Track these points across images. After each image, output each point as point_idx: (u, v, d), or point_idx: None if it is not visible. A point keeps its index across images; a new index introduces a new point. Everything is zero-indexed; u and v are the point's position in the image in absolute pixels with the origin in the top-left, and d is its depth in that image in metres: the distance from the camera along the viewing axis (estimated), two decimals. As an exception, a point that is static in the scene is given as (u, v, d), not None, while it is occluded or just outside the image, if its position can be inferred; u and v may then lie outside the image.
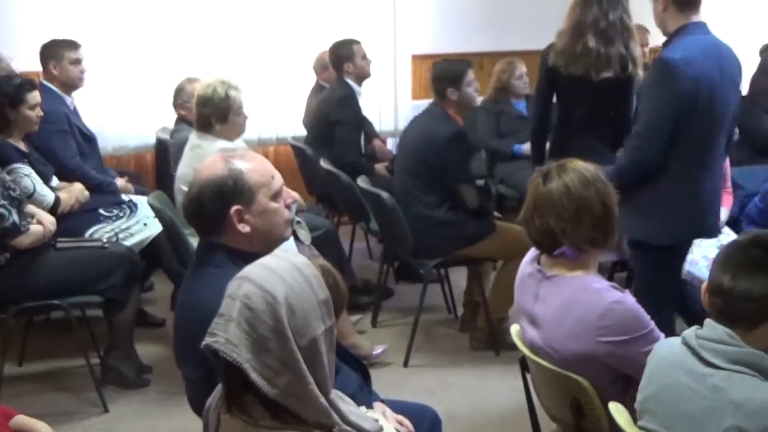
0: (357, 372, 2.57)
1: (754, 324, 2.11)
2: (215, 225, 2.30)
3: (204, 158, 2.75)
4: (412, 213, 4.41)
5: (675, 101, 3.21)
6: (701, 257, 3.96)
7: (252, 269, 1.81)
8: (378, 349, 4.46)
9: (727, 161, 4.09)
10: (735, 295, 2.11)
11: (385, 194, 4.40)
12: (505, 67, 6.04)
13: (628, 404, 2.28)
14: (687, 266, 4.04)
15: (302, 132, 6.10)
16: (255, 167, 2.35)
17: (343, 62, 5.49)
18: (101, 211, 4.55)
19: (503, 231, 4.45)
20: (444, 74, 4.51)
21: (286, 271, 1.80)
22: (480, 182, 5.71)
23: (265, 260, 1.84)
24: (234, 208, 2.28)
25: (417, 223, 4.40)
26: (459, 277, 5.02)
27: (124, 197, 4.75)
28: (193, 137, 4.15)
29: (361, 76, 5.56)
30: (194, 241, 3.07)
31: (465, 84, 4.48)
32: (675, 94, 3.21)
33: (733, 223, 4.44)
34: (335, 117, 5.39)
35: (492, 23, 6.78)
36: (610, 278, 3.89)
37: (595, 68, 3.94)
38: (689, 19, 3.31)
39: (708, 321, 2.18)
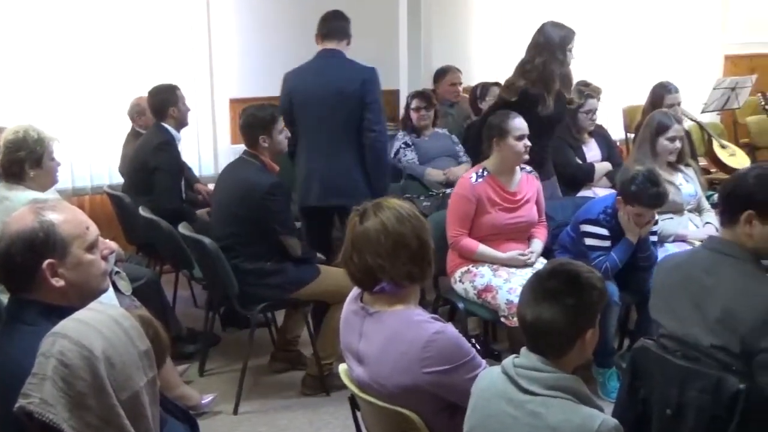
0: (184, 424, 2.51)
1: (562, 352, 2.24)
2: (26, 280, 2.21)
3: (12, 211, 2.64)
4: (234, 265, 4.38)
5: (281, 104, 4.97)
6: (518, 285, 4.13)
7: (66, 324, 1.76)
8: (206, 398, 4.39)
9: None
10: (537, 328, 2.24)
11: (207, 240, 4.36)
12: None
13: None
14: (506, 295, 4.22)
15: (119, 180, 5.96)
16: (68, 218, 2.28)
17: (167, 107, 5.39)
18: None
19: (329, 274, 4.50)
20: (254, 121, 4.48)
21: (103, 324, 1.76)
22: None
23: (80, 314, 1.80)
24: (46, 261, 2.20)
25: (241, 275, 4.38)
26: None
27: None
28: (0, 189, 3.98)
29: (182, 122, 5.49)
30: (4, 299, 2.94)
31: (276, 131, 4.50)
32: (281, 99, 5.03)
33: (547, 253, 4.67)
34: (154, 163, 5.30)
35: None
36: (434, 311, 4.01)
37: None
38: (324, 46, 5.03)
39: (523, 349, 2.29)
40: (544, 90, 4.94)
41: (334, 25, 5.10)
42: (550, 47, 4.97)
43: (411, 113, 6.31)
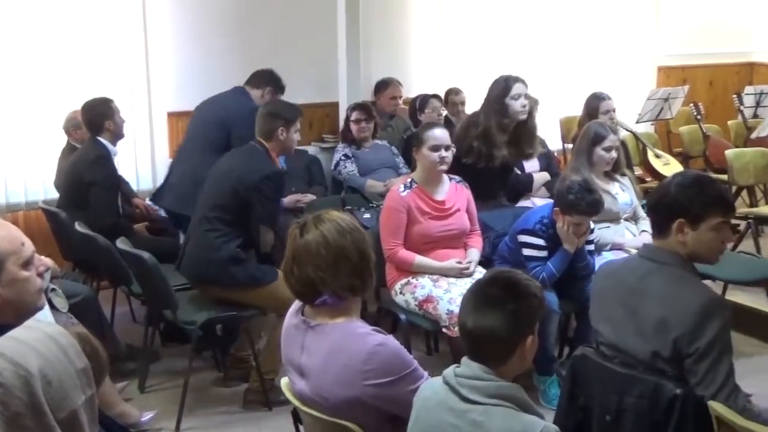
0: (124, 441, 2.49)
1: (503, 359, 2.26)
2: (-41, 299, 2.17)
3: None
4: (204, 237, 4.39)
5: None
6: (458, 295, 4.16)
7: (1, 342, 1.72)
8: (147, 416, 4.33)
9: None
10: (478, 335, 2.26)
11: (146, 254, 4.31)
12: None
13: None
14: (447, 305, 4.25)
15: (54, 195, 5.85)
16: (2, 234, 2.24)
17: (103, 120, 5.31)
18: None
19: (283, 284, 4.46)
20: (280, 110, 4.57)
21: (39, 341, 1.73)
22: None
23: (15, 332, 1.76)
24: (-20, 279, 2.16)
25: (205, 250, 4.38)
26: (228, 334, 4.97)
27: None
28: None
29: (118, 135, 5.43)
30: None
31: (294, 128, 4.55)
32: None
33: (486, 263, 4.71)
34: (90, 178, 5.22)
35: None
36: (376, 323, 4.02)
37: None
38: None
39: (464, 359, 2.31)
40: (489, 144, 5.08)
41: (257, 73, 5.69)
42: (488, 101, 5.20)
43: (351, 125, 6.33)
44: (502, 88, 5.17)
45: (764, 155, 6.73)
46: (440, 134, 4.55)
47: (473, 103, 6.74)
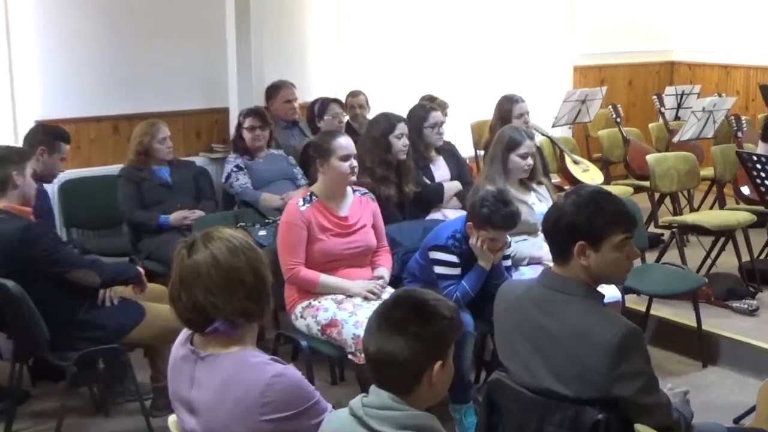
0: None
1: (409, 387, 2.27)
2: None
3: None
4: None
5: None
6: (365, 318, 4.17)
7: None
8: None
9: None
10: (380, 361, 2.27)
11: (10, 283, 4.19)
12: (146, 129, 6.00)
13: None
14: (352, 329, 4.25)
15: None
16: None
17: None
18: None
19: (157, 313, 4.41)
20: (6, 158, 4.37)
21: None
22: (125, 259, 5.65)
23: None
24: None
25: (52, 328, 4.26)
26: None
27: None
28: None
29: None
30: None
31: (26, 168, 4.41)
32: None
33: (395, 282, 4.73)
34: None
35: (129, 83, 6.74)
36: (274, 352, 3.99)
37: None
38: None
39: (372, 387, 2.32)
40: (380, 181, 5.34)
41: (27, 135, 5.45)
42: (371, 139, 5.47)
43: (244, 133, 6.28)
44: (383, 129, 5.48)
45: (687, 160, 6.93)
46: (347, 142, 4.60)
47: (377, 106, 6.80)
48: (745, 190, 6.70)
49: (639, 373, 2.73)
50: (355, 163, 4.59)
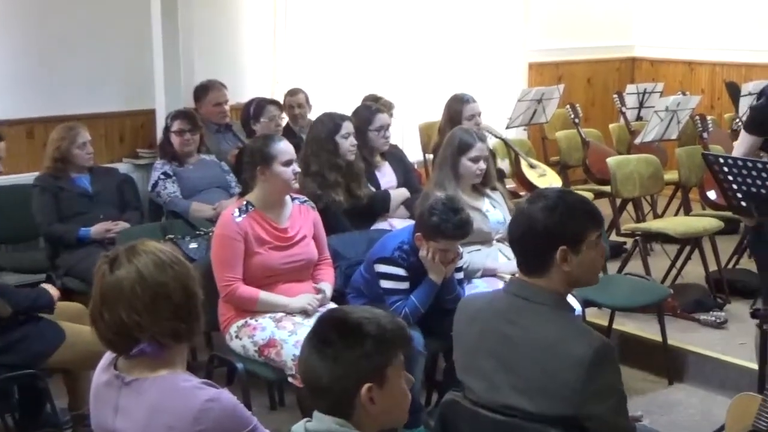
0: None
1: (347, 412, 2.28)
2: None
3: None
4: None
5: None
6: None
7: None
8: None
9: None
10: (308, 382, 2.29)
11: None
12: (63, 133, 5.92)
13: None
14: (292, 350, 4.23)
15: None
16: None
17: None
18: None
19: (79, 335, 4.36)
20: None
21: None
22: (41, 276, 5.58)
23: None
24: None
25: None
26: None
27: None
28: None
29: None
30: None
31: None
32: None
33: (339, 297, 4.73)
34: None
35: (44, 83, 6.67)
36: (207, 375, 3.95)
37: None
38: None
39: (316, 413, 2.32)
40: (330, 187, 5.35)
41: None
42: (316, 141, 5.51)
43: (172, 137, 6.25)
44: (329, 129, 5.49)
45: (650, 163, 7.02)
46: (288, 146, 4.60)
47: (318, 107, 6.80)
48: (712, 194, 6.78)
49: (612, 390, 2.75)
50: (297, 168, 4.59)
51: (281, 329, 4.37)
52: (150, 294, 2.47)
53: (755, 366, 4.37)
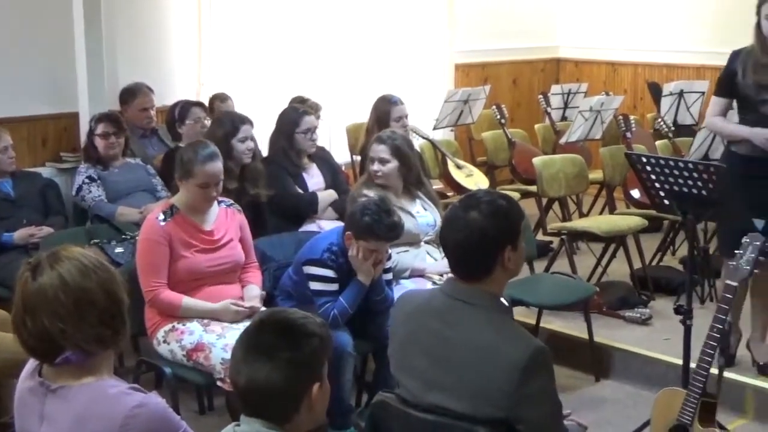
0: None
1: (287, 416, 2.28)
2: None
3: None
4: None
5: None
6: (234, 341, 4.14)
7: None
8: None
9: None
10: (253, 391, 2.27)
11: None
12: (-18, 138, 5.85)
13: None
14: (221, 353, 4.20)
15: None
16: None
17: None
18: None
19: (2, 343, 4.29)
20: None
21: None
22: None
23: None
24: None
25: None
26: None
27: None
28: None
29: None
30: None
31: None
32: None
33: (267, 300, 4.71)
34: None
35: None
36: (135, 380, 3.91)
37: None
38: None
39: (243, 416, 2.31)
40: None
41: None
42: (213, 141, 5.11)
43: (96, 140, 6.17)
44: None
45: (575, 163, 7.11)
46: (212, 169, 4.55)
47: (244, 108, 6.76)
48: (635, 193, 6.90)
49: (545, 395, 2.79)
50: (219, 189, 4.60)
51: (209, 333, 4.34)
52: (73, 300, 2.43)
53: (680, 361, 4.45)
